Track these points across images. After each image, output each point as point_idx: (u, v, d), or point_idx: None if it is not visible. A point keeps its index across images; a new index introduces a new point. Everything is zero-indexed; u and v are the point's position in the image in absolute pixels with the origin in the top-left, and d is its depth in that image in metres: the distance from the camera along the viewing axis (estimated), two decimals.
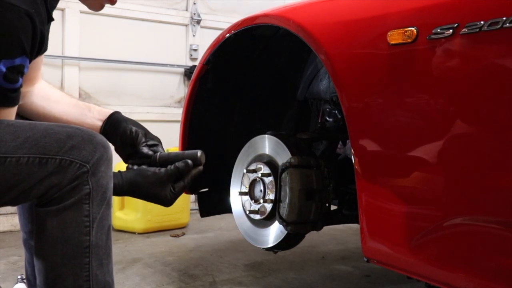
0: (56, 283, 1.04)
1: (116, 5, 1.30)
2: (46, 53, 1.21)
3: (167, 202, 1.27)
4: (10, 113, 1.09)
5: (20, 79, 1.05)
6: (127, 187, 1.23)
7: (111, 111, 1.38)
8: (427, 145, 1.16)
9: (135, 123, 1.36)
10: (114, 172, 1.17)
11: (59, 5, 3.22)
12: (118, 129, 1.33)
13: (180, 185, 1.28)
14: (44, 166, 1.00)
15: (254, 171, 1.63)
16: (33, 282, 1.55)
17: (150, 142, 1.34)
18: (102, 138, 1.07)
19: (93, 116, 1.36)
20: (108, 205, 1.08)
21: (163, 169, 1.26)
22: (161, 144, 1.38)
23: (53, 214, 1.02)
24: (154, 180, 1.24)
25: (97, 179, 1.04)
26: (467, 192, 1.11)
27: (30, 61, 1.07)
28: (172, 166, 1.26)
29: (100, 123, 1.35)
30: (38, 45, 1.07)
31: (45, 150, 1.00)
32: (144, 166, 1.28)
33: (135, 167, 1.29)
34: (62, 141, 1.01)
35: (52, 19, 1.16)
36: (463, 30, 1.06)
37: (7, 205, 1.07)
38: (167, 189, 1.25)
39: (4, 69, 1.00)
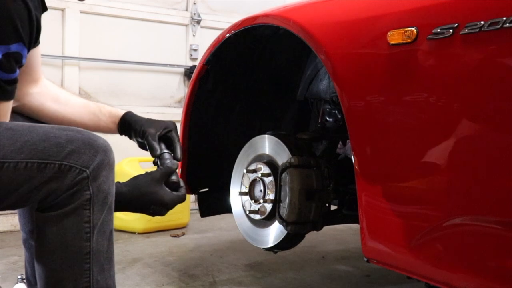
0: None
1: (116, 5, 1.30)
2: (46, 53, 1.20)
3: (169, 203, 1.24)
4: (6, 108, 1.05)
5: (17, 70, 1.02)
6: (128, 194, 1.20)
7: (122, 112, 1.39)
8: (427, 145, 1.16)
9: (145, 122, 1.35)
10: (117, 183, 1.16)
11: (59, 5, 3.21)
12: (131, 132, 1.36)
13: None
14: (42, 171, 0.97)
15: (254, 171, 1.63)
16: (33, 282, 1.55)
17: (160, 133, 1.33)
18: (104, 141, 1.05)
19: (106, 119, 1.38)
20: (110, 210, 1.07)
21: (156, 172, 1.24)
22: (175, 128, 1.37)
23: (53, 220, 1.00)
24: (152, 179, 1.22)
25: (98, 184, 1.02)
26: (467, 192, 1.11)
27: (28, 50, 1.04)
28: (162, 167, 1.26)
29: (114, 126, 1.38)
30: (36, 32, 1.04)
31: (44, 155, 0.98)
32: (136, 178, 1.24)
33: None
34: (62, 146, 0.99)
35: (46, 9, 1.12)
36: (463, 30, 1.06)
37: (6, 210, 1.05)
38: (163, 189, 1.23)
39: (0, 57, 0.96)
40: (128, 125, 1.36)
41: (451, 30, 1.08)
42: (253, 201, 1.63)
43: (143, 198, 1.21)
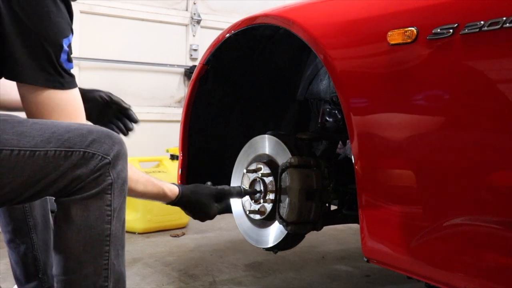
0: (76, 271, 1.07)
1: (116, 5, 1.33)
2: None
3: (212, 215, 1.51)
4: (79, 94, 1.17)
5: None
6: (192, 195, 1.45)
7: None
8: (427, 145, 1.16)
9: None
10: (178, 185, 1.43)
11: None
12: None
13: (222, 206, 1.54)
14: (69, 159, 1.04)
15: (254, 171, 1.63)
16: (23, 282, 1.56)
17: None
18: (118, 135, 1.12)
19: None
20: (125, 198, 1.12)
21: (213, 187, 1.52)
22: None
23: (78, 203, 1.06)
24: (209, 192, 1.49)
25: (118, 172, 1.08)
26: (467, 192, 1.11)
27: None
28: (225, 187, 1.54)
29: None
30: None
31: (70, 144, 1.05)
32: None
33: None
34: (84, 136, 1.06)
35: None
36: (463, 30, 1.06)
37: (29, 201, 1.11)
38: (214, 204, 1.50)
39: (67, 49, 1.09)
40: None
41: (451, 30, 1.08)
42: (253, 201, 1.63)
43: (198, 205, 1.48)
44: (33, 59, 1.06)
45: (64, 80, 1.11)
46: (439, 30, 1.10)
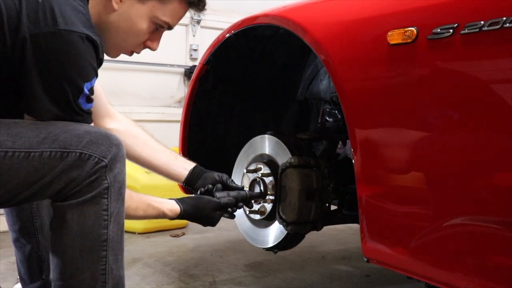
0: (73, 276, 1.06)
1: None
2: None
3: (213, 225, 1.50)
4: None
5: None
6: (193, 211, 1.41)
7: (194, 164, 1.58)
8: (427, 145, 1.16)
9: (217, 174, 1.56)
10: (178, 199, 1.39)
11: None
12: (198, 180, 1.55)
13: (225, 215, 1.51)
14: (65, 160, 1.03)
15: (254, 171, 1.63)
16: (27, 281, 1.55)
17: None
18: (117, 137, 1.11)
19: (180, 164, 1.57)
20: (123, 202, 1.11)
21: (216, 199, 1.46)
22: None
23: (74, 208, 1.05)
24: (212, 206, 1.44)
25: (114, 175, 1.07)
26: (467, 192, 1.11)
27: None
28: (225, 199, 1.47)
29: (185, 172, 1.55)
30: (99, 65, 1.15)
31: (66, 144, 1.03)
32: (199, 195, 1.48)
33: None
34: (81, 136, 1.05)
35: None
36: (463, 30, 1.06)
37: (24, 203, 1.10)
38: (216, 214, 1.47)
39: (88, 92, 1.08)
40: (199, 173, 1.56)
41: (451, 30, 1.08)
42: (253, 201, 1.63)
43: (201, 218, 1.46)
44: (50, 97, 1.04)
45: (81, 117, 1.10)
46: (439, 30, 1.10)
